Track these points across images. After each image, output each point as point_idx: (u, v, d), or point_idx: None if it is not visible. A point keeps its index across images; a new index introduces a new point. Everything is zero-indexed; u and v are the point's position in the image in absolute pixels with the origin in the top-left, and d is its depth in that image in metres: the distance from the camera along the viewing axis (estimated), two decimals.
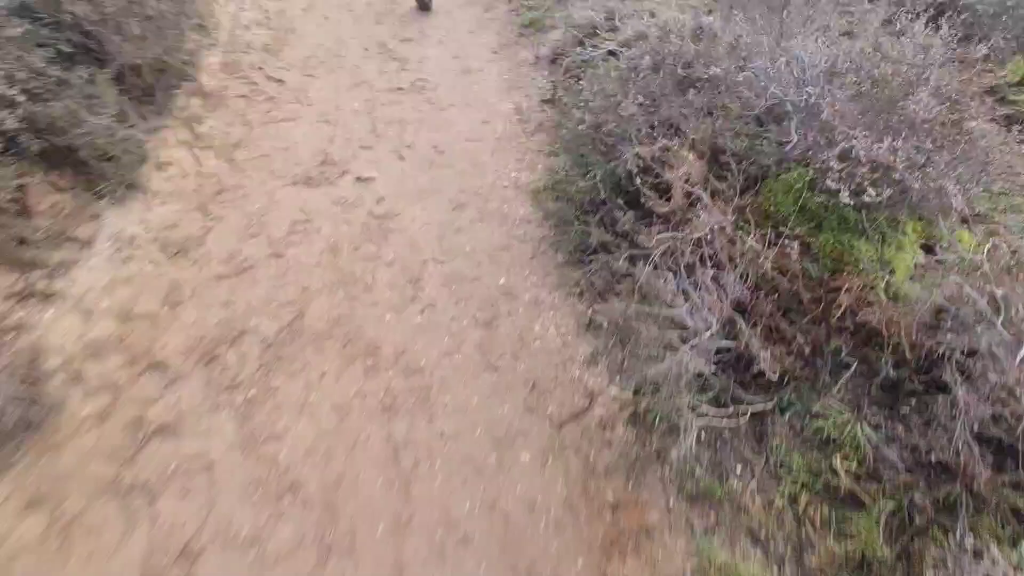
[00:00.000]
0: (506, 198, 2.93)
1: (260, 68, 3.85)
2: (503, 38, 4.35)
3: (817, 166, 2.10)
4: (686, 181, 2.04)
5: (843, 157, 1.98)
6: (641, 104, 2.36)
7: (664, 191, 2.15)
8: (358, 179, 3.03)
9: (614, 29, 3.77)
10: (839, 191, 1.94)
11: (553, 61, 3.92)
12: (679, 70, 2.38)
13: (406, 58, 4.11)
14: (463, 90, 3.78)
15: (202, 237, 2.61)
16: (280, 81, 3.74)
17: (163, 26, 3.43)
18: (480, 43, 4.31)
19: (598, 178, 2.32)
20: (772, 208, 2.24)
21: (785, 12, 2.41)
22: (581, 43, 3.87)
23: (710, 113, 2.40)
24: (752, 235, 2.01)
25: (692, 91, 2.39)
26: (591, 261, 2.44)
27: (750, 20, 2.50)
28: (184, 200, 2.79)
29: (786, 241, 1.95)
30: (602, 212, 2.37)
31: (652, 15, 4.04)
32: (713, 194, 2.24)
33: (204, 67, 3.74)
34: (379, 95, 3.70)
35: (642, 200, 2.13)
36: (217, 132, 3.25)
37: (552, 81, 3.76)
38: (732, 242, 1.97)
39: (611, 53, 3.22)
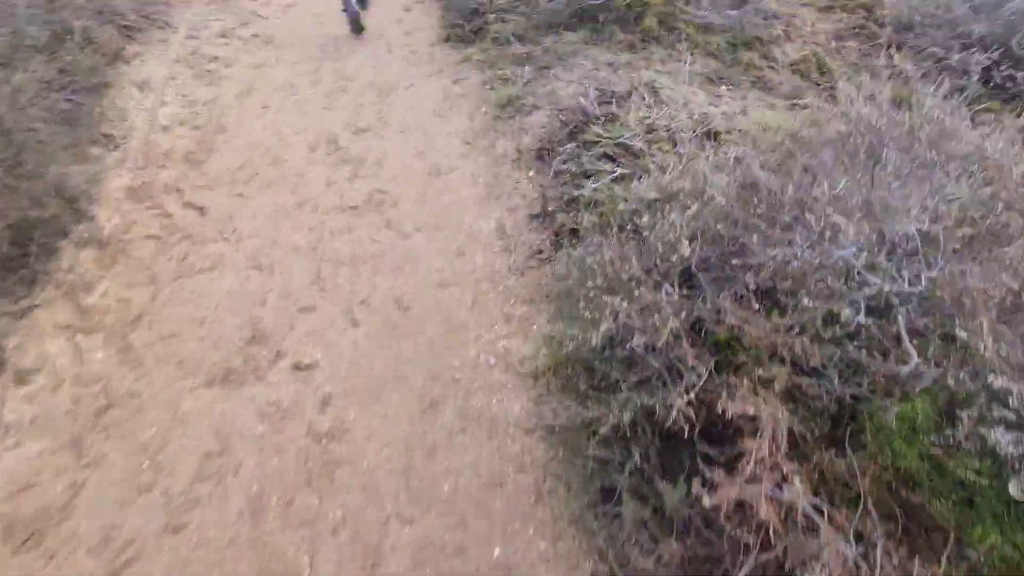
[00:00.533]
0: (494, 386, 2.15)
1: (178, 190, 3.04)
2: (476, 122, 3.57)
3: (963, 416, 1.36)
4: (771, 475, 1.29)
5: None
6: (677, 297, 1.60)
7: (732, 461, 1.40)
8: (296, 367, 2.23)
9: (611, 119, 3.01)
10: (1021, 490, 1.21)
11: (540, 157, 3.15)
12: (729, 250, 1.62)
13: (361, 158, 3.31)
14: (432, 203, 3.00)
15: (68, 504, 1.81)
16: (201, 209, 2.93)
17: (39, 164, 2.62)
18: (450, 130, 3.53)
19: (625, 418, 1.56)
20: (888, 462, 1.50)
21: (877, 166, 1.65)
22: (572, 135, 3.11)
23: (776, 304, 1.65)
24: (880, 547, 1.27)
25: (750, 275, 1.63)
26: (618, 515, 1.68)
27: (821, 169, 1.74)
28: (51, 433, 1.99)
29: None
30: (634, 458, 1.61)
31: (655, 92, 3.29)
32: (791, 441, 1.49)
33: (105, 197, 2.92)
34: (327, 219, 2.90)
35: (702, 479, 1.37)
36: (112, 302, 2.45)
37: (541, 187, 2.99)
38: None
39: (620, 176, 2.44)
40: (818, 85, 3.53)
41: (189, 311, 2.43)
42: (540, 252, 2.62)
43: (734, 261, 1.57)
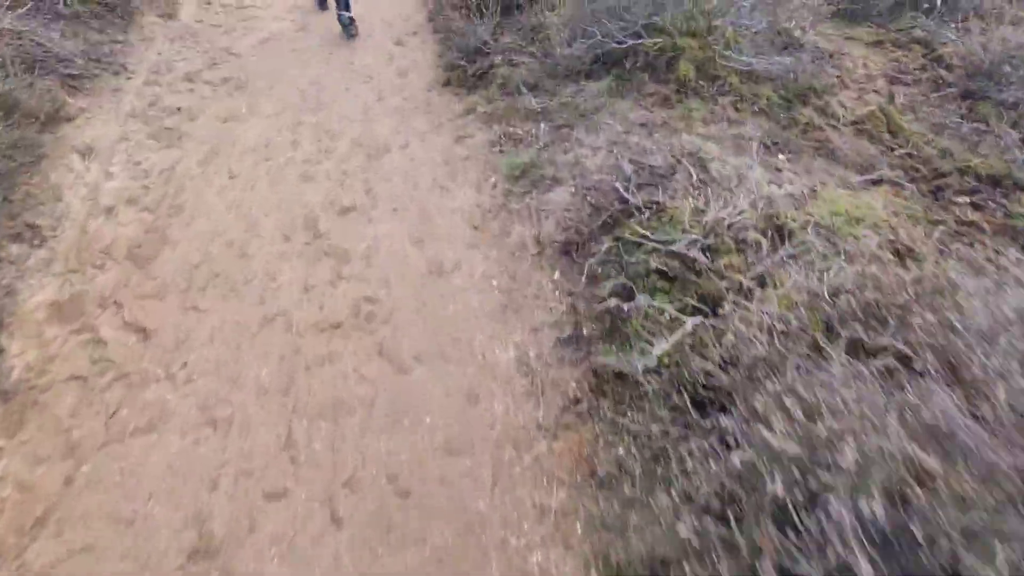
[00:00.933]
0: None
1: (116, 304, 2.37)
2: (485, 197, 2.92)
3: None
4: None
5: None
6: None
7: None
8: None
9: (656, 210, 2.37)
10: None
11: (566, 252, 2.51)
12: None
13: (346, 249, 2.66)
14: (434, 317, 2.35)
15: None
16: (144, 331, 2.27)
17: None
18: (453, 207, 2.88)
19: None
20: None
21: None
22: (607, 226, 2.47)
23: None
24: None
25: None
26: None
27: None
28: None
29: None
30: None
31: (702, 166, 2.66)
32: None
33: (20, 319, 2.25)
34: (303, 344, 2.25)
35: None
36: (10, 492, 1.77)
37: (570, 296, 2.35)
38: None
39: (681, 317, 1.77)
40: (891, 150, 2.90)
41: (114, 502, 1.78)
42: (577, 401, 1.98)
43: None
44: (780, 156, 2.79)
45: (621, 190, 2.45)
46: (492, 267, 2.54)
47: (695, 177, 2.57)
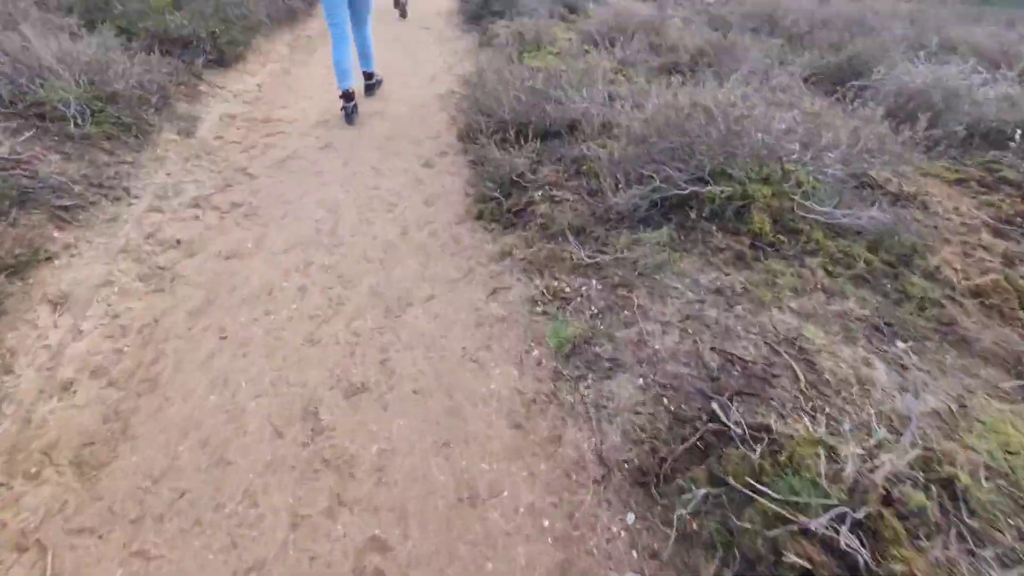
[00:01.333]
0: None
1: (39, 544, 1.74)
2: (527, 379, 2.34)
3: None
4: None
5: None
6: None
7: None
8: None
9: (770, 441, 1.74)
10: None
11: (641, 483, 1.87)
12: None
13: (351, 456, 2.05)
14: None
15: None
16: None
17: None
18: (488, 392, 2.29)
19: None
20: None
21: None
22: (696, 452, 1.84)
23: None
24: None
25: None
26: None
27: None
28: None
29: None
30: None
31: (809, 360, 2.07)
32: None
33: None
34: None
35: None
36: None
37: (655, 560, 1.68)
38: None
39: None
40: None
41: None
42: None
43: None
44: (899, 344, 2.20)
45: (715, 407, 1.85)
46: (541, 496, 1.90)
47: (803, 380, 1.98)
